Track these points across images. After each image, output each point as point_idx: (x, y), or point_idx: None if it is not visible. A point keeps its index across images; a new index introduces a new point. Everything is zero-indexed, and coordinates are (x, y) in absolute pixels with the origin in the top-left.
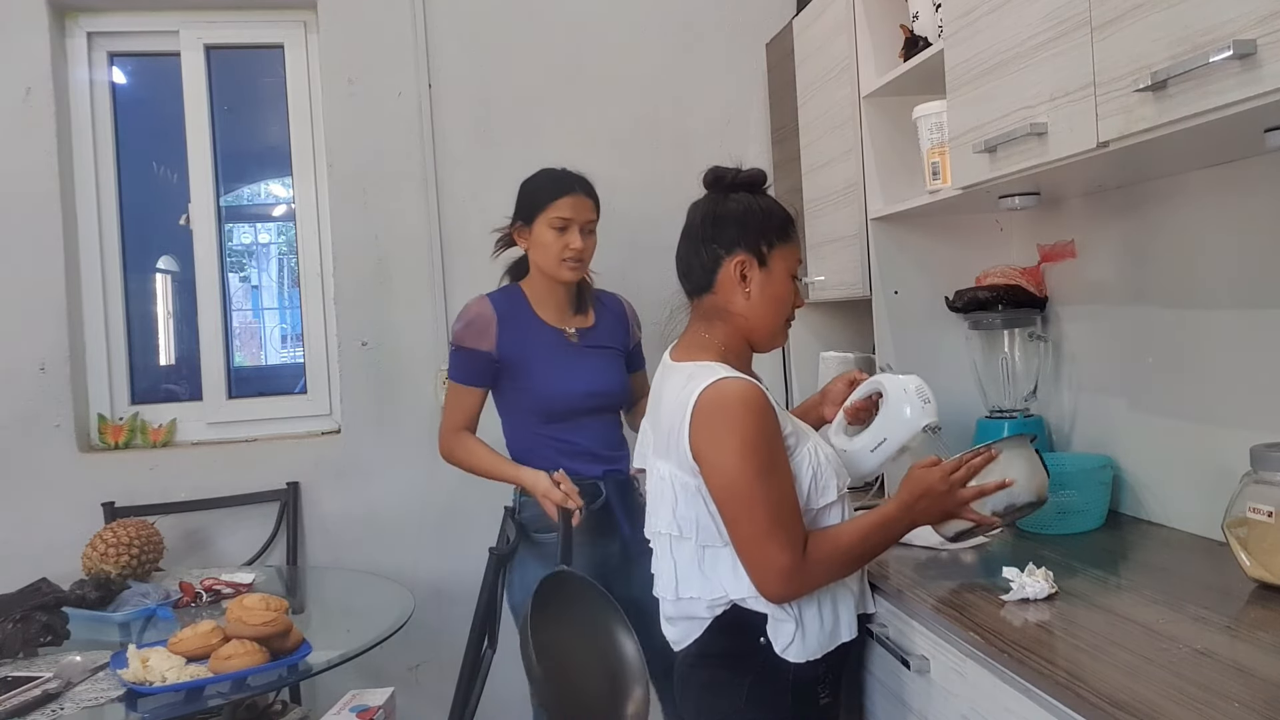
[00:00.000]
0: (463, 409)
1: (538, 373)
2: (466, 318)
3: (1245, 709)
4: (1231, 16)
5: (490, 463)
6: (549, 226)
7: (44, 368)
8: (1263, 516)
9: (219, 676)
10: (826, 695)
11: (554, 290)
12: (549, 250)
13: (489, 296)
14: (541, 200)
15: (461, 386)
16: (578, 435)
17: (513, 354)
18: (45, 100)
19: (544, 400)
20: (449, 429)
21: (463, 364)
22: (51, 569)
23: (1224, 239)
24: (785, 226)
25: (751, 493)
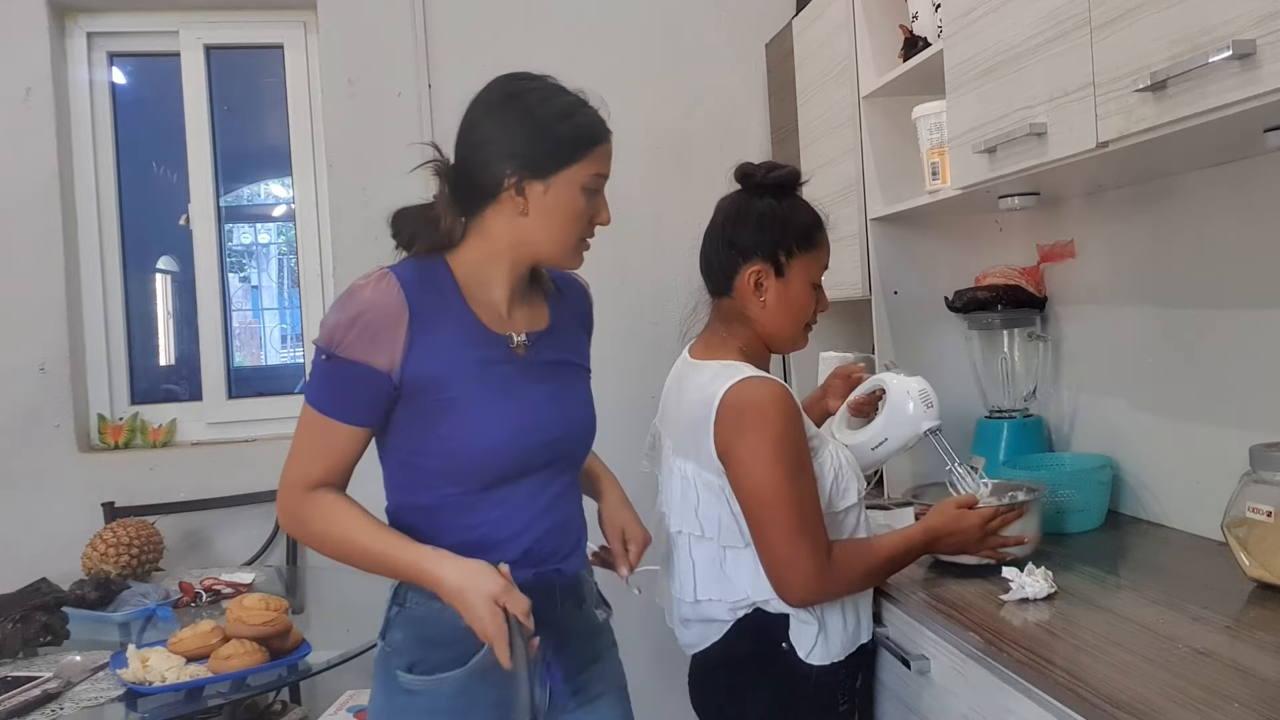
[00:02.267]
0: (327, 456)
1: (466, 407)
2: (353, 307)
3: (1245, 709)
4: (1231, 16)
5: (373, 539)
6: (579, 187)
7: (44, 368)
8: (1262, 516)
9: (219, 676)
10: (846, 702)
11: (506, 275)
12: (566, 223)
13: (393, 272)
14: (580, 145)
15: (331, 422)
16: (518, 510)
17: (426, 374)
18: (45, 100)
19: (473, 454)
20: (297, 483)
21: (339, 385)
22: (51, 569)
23: (1224, 239)
24: (810, 234)
25: (779, 494)
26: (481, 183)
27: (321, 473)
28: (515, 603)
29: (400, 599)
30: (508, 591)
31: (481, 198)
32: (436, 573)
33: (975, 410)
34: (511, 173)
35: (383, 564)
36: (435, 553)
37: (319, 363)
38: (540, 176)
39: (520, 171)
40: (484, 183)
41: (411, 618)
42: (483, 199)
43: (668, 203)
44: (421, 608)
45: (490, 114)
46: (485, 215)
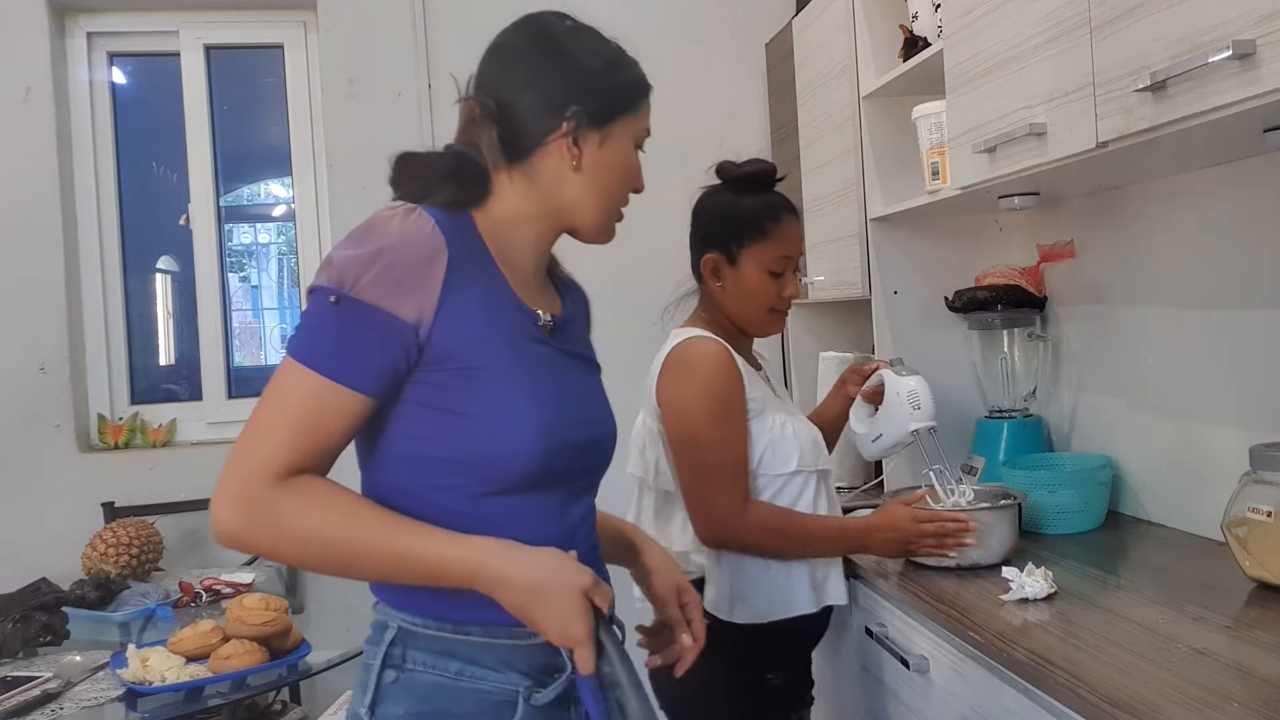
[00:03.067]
0: (313, 433)
1: (497, 384)
2: (377, 239)
3: (1244, 709)
4: (1231, 16)
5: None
6: (633, 140)
7: (44, 368)
8: (1262, 516)
9: (218, 676)
10: (777, 676)
11: (536, 241)
12: (617, 183)
13: (429, 212)
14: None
15: (329, 386)
16: (548, 525)
17: (457, 337)
18: (45, 100)
19: (501, 443)
20: (265, 470)
21: (349, 337)
22: (51, 569)
23: (1223, 239)
24: (761, 224)
25: (701, 434)
26: (529, 129)
27: (300, 456)
28: (603, 595)
29: (396, 659)
30: (596, 584)
31: (525, 148)
32: (502, 569)
33: (975, 410)
34: (571, 116)
35: (412, 564)
36: (494, 543)
37: (322, 308)
38: (598, 125)
39: (579, 117)
40: (532, 129)
41: (417, 686)
42: (526, 149)
43: (668, 203)
44: (431, 672)
45: (536, 52)
46: (524, 169)
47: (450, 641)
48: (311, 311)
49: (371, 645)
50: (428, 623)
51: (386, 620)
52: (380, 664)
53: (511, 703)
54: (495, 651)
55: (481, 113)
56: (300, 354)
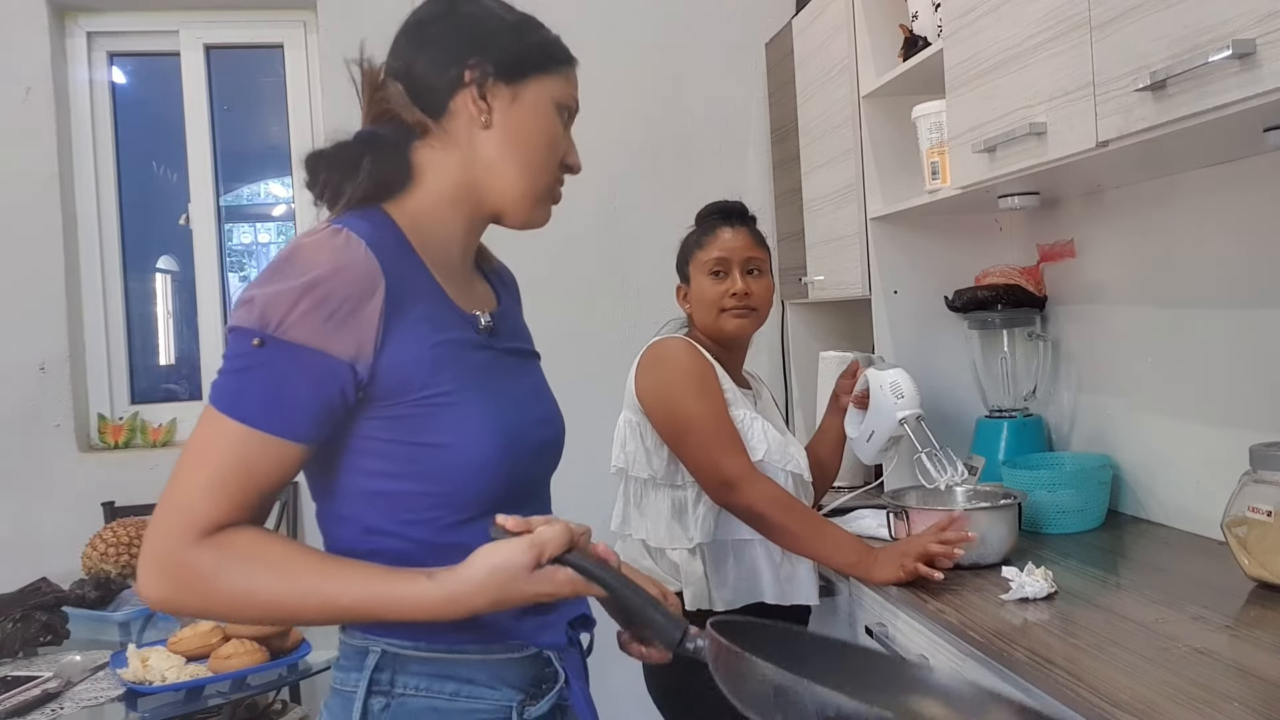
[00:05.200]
0: (240, 488)
1: (456, 407)
2: (303, 272)
3: (1244, 709)
4: (1231, 16)
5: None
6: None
7: (44, 368)
8: (1262, 516)
9: (219, 676)
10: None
11: (463, 230)
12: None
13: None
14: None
15: (256, 437)
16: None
17: (405, 367)
18: (45, 100)
19: (469, 467)
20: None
21: (276, 383)
22: (51, 568)
23: (1224, 238)
24: (700, 238)
25: (688, 410)
26: (431, 84)
27: (224, 512)
28: (553, 540)
29: (383, 685)
30: (536, 541)
31: (432, 105)
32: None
33: (975, 410)
34: (474, 64)
35: (350, 611)
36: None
37: (245, 351)
38: (507, 80)
39: (483, 65)
40: (435, 83)
41: (410, 711)
42: (434, 107)
43: (668, 202)
44: (425, 695)
45: (435, 14)
46: (439, 135)
47: (445, 662)
48: (233, 355)
49: (347, 672)
50: (419, 645)
51: (366, 645)
52: (365, 691)
53: (506, 718)
54: (491, 668)
55: (385, 73)
56: (222, 403)
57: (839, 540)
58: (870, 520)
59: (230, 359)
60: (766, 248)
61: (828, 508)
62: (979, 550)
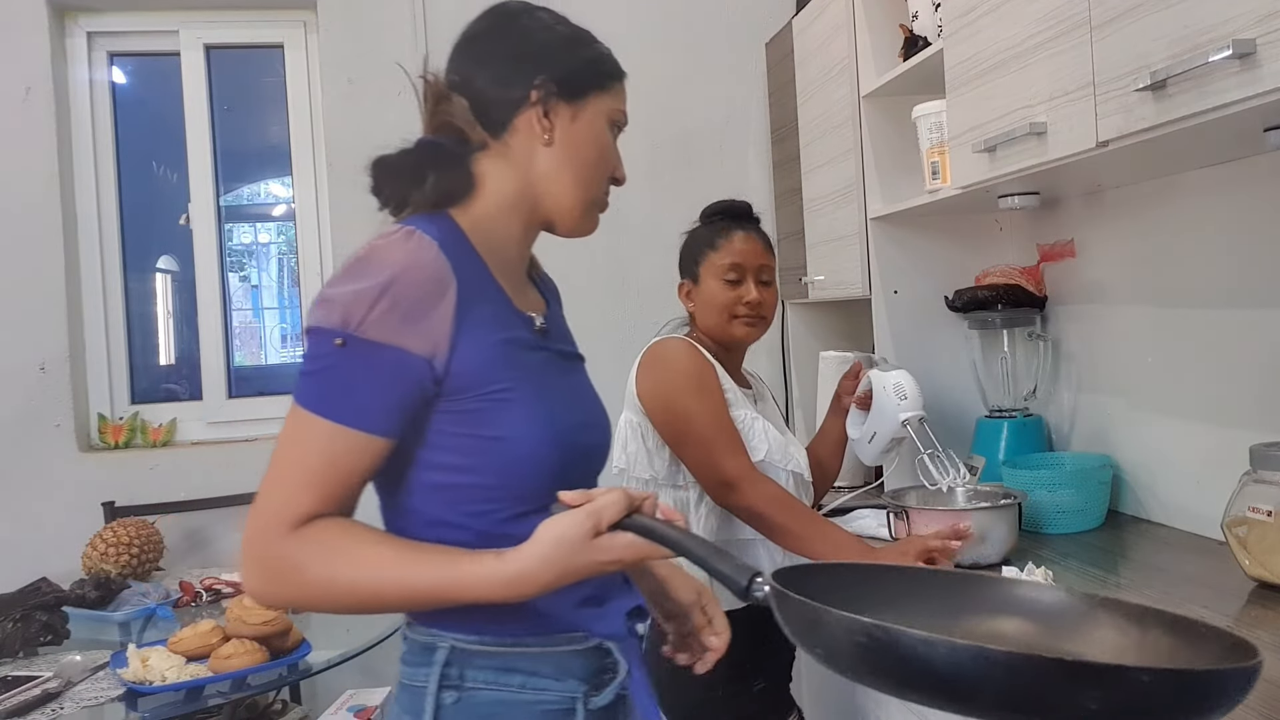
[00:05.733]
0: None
1: (515, 404)
2: (379, 272)
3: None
4: (1231, 16)
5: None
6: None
7: (44, 368)
8: (1262, 516)
9: (219, 676)
10: (760, 682)
11: (521, 235)
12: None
13: (420, 228)
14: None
15: (342, 433)
16: None
17: (475, 365)
18: (45, 100)
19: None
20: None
21: (360, 380)
22: (51, 568)
23: (1224, 238)
24: (713, 239)
25: (688, 408)
26: (496, 101)
27: (314, 504)
28: (609, 506)
29: (453, 680)
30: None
31: (496, 121)
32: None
33: (975, 410)
34: (539, 85)
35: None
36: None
37: (327, 351)
38: (569, 98)
39: (547, 86)
40: (500, 101)
41: (479, 704)
42: (498, 122)
43: (668, 202)
44: (493, 688)
45: (499, 28)
46: (500, 147)
47: (510, 656)
48: (315, 354)
49: (416, 667)
50: (484, 640)
51: (434, 641)
52: (436, 685)
53: (570, 709)
54: (553, 660)
55: (448, 86)
56: (308, 401)
57: (839, 540)
58: (870, 520)
59: (312, 359)
60: (774, 254)
61: (828, 508)
62: (979, 550)
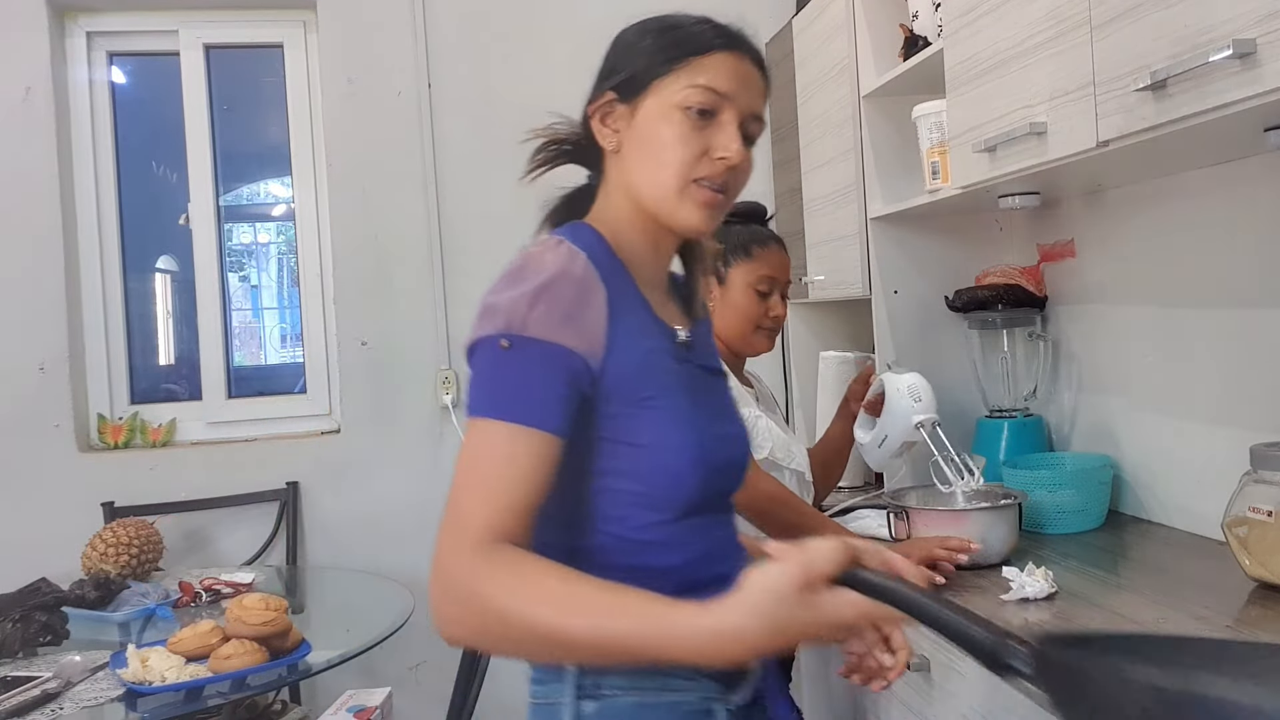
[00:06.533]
0: (518, 487)
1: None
2: (535, 276)
3: None
4: (1231, 16)
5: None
6: (673, 105)
7: (44, 368)
8: (1262, 516)
9: (218, 676)
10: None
11: (652, 243)
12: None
13: (569, 239)
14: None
15: (525, 434)
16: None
17: (626, 370)
18: (45, 100)
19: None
20: (475, 538)
21: (532, 378)
22: (51, 569)
23: (1224, 238)
24: (748, 246)
25: None
26: (585, 117)
27: (509, 516)
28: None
29: (590, 689)
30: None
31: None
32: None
33: (975, 410)
34: (597, 95)
35: (645, 648)
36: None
37: (495, 356)
38: (626, 98)
39: (607, 94)
40: (586, 116)
41: (620, 710)
42: (588, 140)
43: None
44: (632, 693)
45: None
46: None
47: None
48: (482, 362)
49: (548, 684)
50: None
51: None
52: (573, 697)
53: (708, 710)
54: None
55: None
56: (481, 407)
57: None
58: (871, 520)
59: (479, 367)
60: None
61: (830, 510)
62: (980, 551)
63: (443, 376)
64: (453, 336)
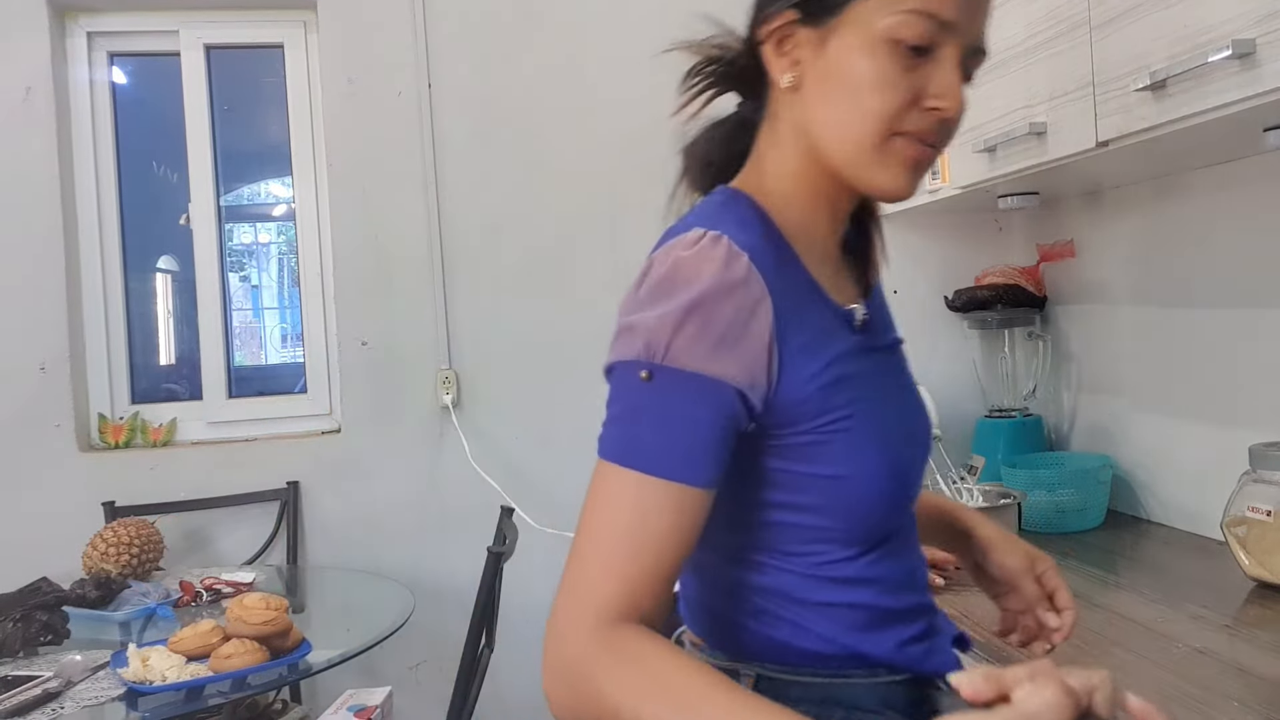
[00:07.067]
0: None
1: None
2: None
3: (1244, 708)
4: (1230, 16)
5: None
6: (879, 36)
7: (44, 367)
8: (1261, 515)
9: (219, 675)
10: None
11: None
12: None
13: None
14: None
15: (663, 488)
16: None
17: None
18: (45, 100)
19: (867, 497)
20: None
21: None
22: (51, 568)
23: (1223, 238)
24: None
25: None
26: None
27: (638, 587)
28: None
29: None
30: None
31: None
32: None
33: (975, 409)
34: (771, 12)
35: None
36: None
37: (632, 387)
38: (814, 20)
39: (787, 12)
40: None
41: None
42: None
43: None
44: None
45: None
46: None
47: (830, 686)
48: (617, 394)
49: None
50: (800, 670)
51: (735, 668)
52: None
53: None
54: (876, 692)
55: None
56: (612, 452)
57: None
58: None
59: (616, 399)
60: None
61: None
62: None
63: (443, 376)
64: (453, 336)
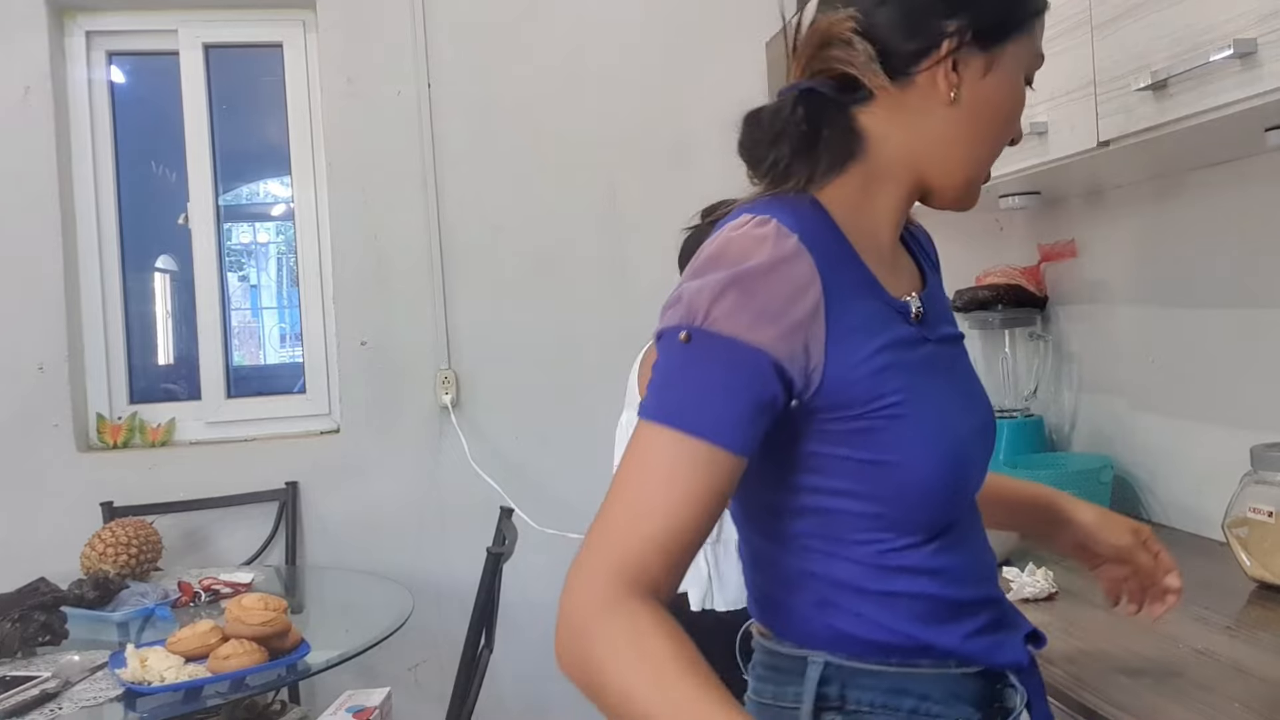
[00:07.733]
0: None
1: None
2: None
3: (1245, 709)
4: (1231, 16)
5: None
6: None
7: (43, 368)
8: (1263, 516)
9: (217, 676)
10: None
11: (894, 211)
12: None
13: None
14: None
15: (697, 447)
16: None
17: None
18: (44, 100)
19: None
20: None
21: (714, 380)
22: (50, 568)
23: (1224, 238)
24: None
25: None
26: (899, 49)
27: (654, 550)
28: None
29: (834, 700)
30: None
31: (895, 75)
32: None
33: None
34: (955, 32)
35: None
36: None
37: (673, 350)
38: (985, 45)
39: (964, 33)
40: (903, 49)
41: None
42: (896, 75)
43: (667, 202)
44: (883, 712)
45: None
46: (881, 105)
47: (900, 676)
48: (662, 359)
49: (781, 685)
50: (869, 658)
51: (804, 655)
52: (812, 706)
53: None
54: (945, 683)
55: (853, 27)
56: (649, 409)
57: None
58: None
59: (659, 365)
60: None
61: None
62: None
63: (442, 376)
64: (452, 336)
